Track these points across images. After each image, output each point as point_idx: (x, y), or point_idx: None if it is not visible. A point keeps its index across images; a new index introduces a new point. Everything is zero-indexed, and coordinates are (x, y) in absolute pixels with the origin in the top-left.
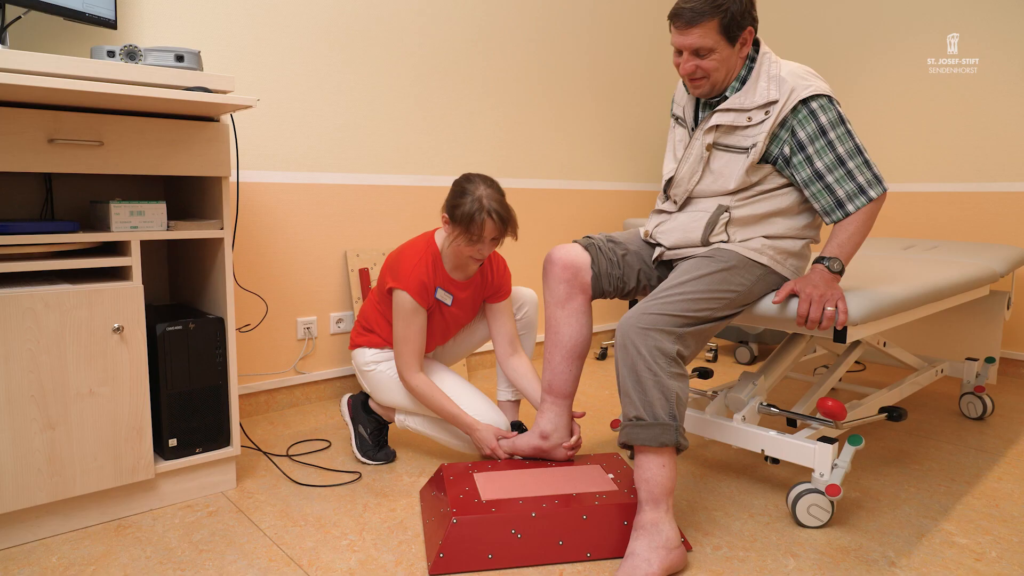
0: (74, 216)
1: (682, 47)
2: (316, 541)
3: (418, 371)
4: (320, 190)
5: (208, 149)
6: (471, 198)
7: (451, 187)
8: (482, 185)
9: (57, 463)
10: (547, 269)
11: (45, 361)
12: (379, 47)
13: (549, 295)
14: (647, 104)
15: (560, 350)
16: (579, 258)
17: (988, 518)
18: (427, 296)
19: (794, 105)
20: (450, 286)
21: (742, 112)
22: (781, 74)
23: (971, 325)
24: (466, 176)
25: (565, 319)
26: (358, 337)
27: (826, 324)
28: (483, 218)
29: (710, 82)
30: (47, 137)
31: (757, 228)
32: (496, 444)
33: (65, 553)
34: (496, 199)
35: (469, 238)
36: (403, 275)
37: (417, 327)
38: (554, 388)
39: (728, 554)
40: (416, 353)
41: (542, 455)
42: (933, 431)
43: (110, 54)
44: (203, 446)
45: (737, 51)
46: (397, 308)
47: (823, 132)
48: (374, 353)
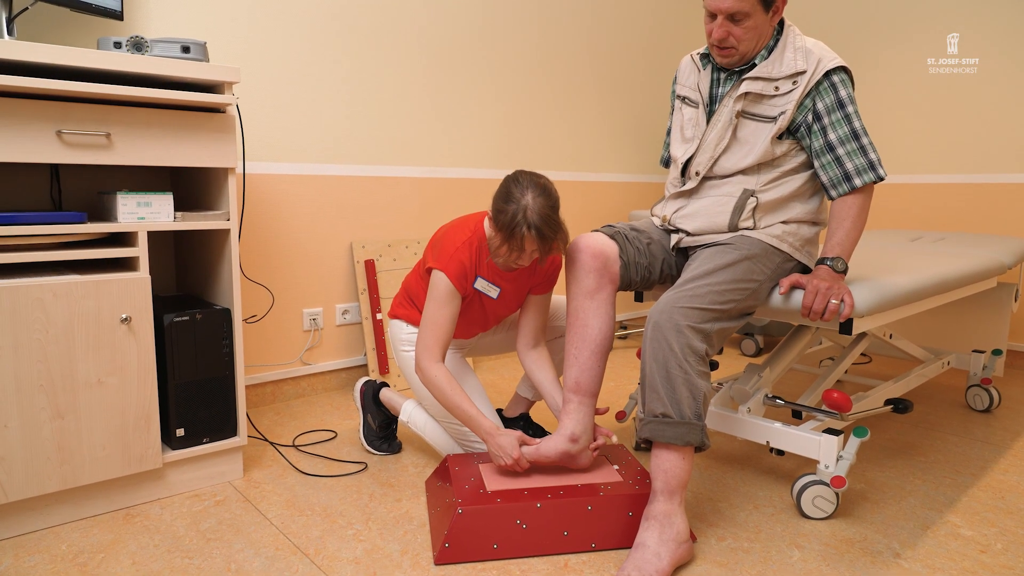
0: (81, 207)
1: (717, 10)
2: (322, 530)
3: (438, 360)
4: (326, 181)
5: (215, 140)
6: (515, 207)
7: (501, 183)
8: (530, 192)
9: (66, 452)
10: (573, 258)
11: (54, 351)
12: (385, 39)
13: (576, 286)
14: (652, 95)
15: (589, 345)
16: (607, 247)
17: (994, 510)
18: (466, 283)
19: (821, 76)
20: (494, 276)
21: (770, 81)
22: (807, 46)
23: (978, 317)
24: (515, 177)
25: (594, 311)
26: (399, 308)
27: (829, 316)
28: (523, 232)
29: (739, 52)
30: (55, 128)
31: (778, 214)
32: (520, 454)
33: (74, 541)
34: (542, 212)
35: (510, 247)
36: (445, 256)
37: (449, 313)
38: (582, 386)
39: (733, 545)
40: (442, 340)
41: (568, 461)
42: (939, 423)
43: (116, 45)
44: (210, 436)
45: (770, 19)
46: (433, 289)
47: (841, 105)
48: (411, 333)
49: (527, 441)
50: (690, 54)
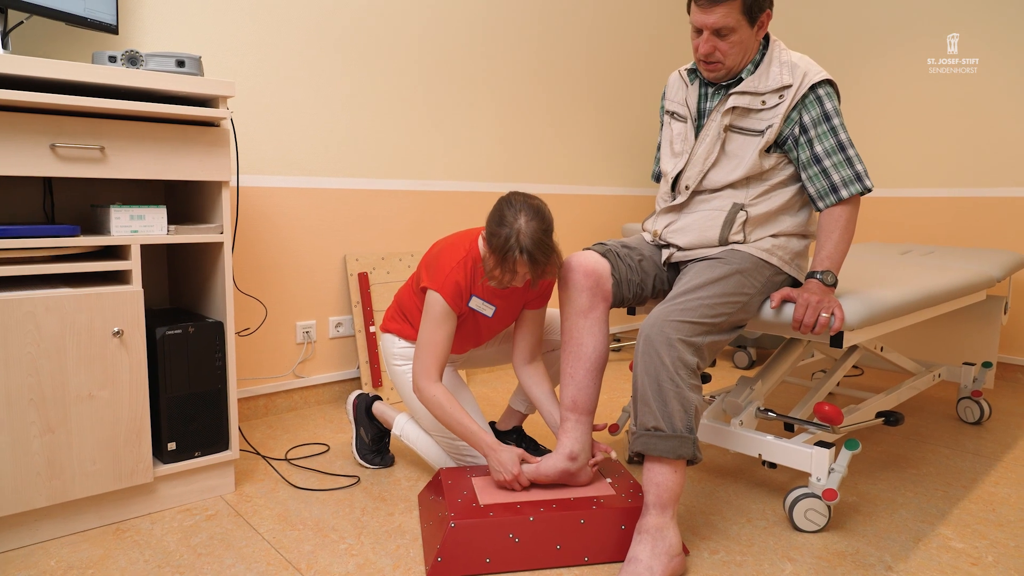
0: (74, 220)
1: (703, 26)
2: (314, 545)
3: (436, 380)
4: (320, 194)
5: (209, 154)
6: (508, 230)
7: (495, 204)
8: (523, 215)
9: (56, 466)
10: (566, 277)
11: (45, 365)
12: (379, 52)
13: (570, 305)
14: (646, 109)
15: (584, 363)
16: (599, 265)
17: (985, 523)
18: (461, 302)
19: (806, 90)
20: (489, 294)
21: (757, 95)
22: (792, 60)
23: (968, 330)
24: (508, 199)
25: (588, 329)
26: (391, 322)
27: (819, 330)
28: (515, 256)
29: (725, 67)
30: (49, 142)
31: (768, 227)
32: (520, 471)
33: (64, 556)
34: (534, 236)
35: (503, 269)
36: (440, 276)
37: (445, 333)
38: (579, 404)
39: (725, 558)
40: (439, 361)
41: (568, 479)
42: (930, 435)
43: (111, 59)
44: (202, 450)
45: (755, 33)
46: (429, 309)
47: (827, 118)
48: (403, 347)
49: (527, 459)
50: (678, 70)
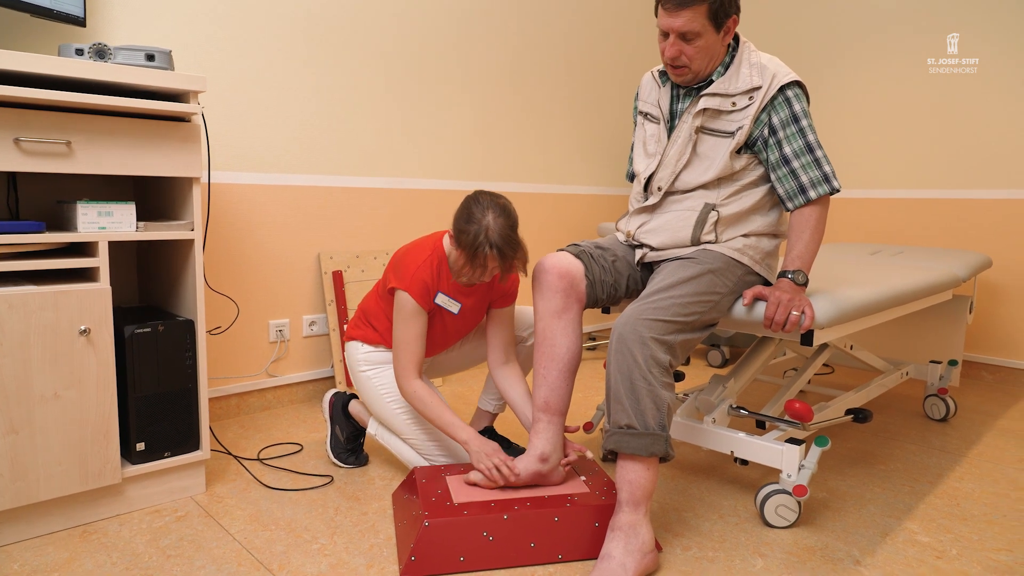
0: (40, 216)
1: (669, 29)
2: (287, 545)
3: (416, 377)
4: (293, 192)
5: (179, 150)
6: (477, 227)
7: (461, 203)
8: (490, 212)
9: (20, 468)
10: (540, 278)
11: (8, 364)
12: (353, 49)
13: (543, 306)
14: (621, 108)
15: (557, 364)
16: (573, 266)
17: (949, 517)
18: (429, 298)
19: (775, 91)
20: (454, 292)
21: (727, 97)
22: (762, 61)
23: (935, 329)
24: (475, 197)
25: (561, 330)
26: (354, 330)
27: (790, 328)
28: (485, 251)
29: (692, 71)
30: (12, 136)
31: (739, 227)
32: (500, 461)
33: (27, 560)
34: (502, 232)
35: (473, 265)
36: (408, 276)
37: (417, 330)
38: (551, 405)
39: (698, 554)
40: (415, 358)
41: (540, 479)
42: (898, 432)
43: (79, 52)
44: (172, 450)
45: (721, 38)
46: (398, 309)
47: (795, 119)
48: (368, 352)
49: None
50: (651, 71)
